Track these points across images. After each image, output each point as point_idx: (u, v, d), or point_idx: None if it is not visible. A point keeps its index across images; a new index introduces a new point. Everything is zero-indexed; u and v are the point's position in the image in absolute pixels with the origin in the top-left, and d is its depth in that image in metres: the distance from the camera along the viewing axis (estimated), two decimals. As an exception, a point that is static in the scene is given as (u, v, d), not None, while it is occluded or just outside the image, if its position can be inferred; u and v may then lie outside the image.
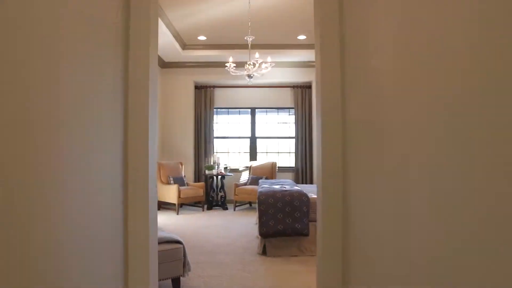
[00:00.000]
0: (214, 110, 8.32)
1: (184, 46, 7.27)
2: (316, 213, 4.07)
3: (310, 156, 8.05)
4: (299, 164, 8.05)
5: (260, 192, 4.17)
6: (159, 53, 7.26)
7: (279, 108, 8.38)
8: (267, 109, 8.40)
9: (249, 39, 5.07)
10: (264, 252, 4.00)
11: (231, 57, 5.11)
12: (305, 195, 4.03)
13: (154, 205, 1.96)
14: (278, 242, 3.97)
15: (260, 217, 3.95)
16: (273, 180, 5.72)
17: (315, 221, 4.05)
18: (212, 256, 3.98)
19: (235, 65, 4.91)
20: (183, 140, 7.94)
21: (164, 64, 7.87)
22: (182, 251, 2.88)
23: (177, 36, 6.68)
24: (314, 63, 8.12)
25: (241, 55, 7.15)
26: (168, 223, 5.87)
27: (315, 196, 4.17)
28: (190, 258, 3.83)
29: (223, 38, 6.86)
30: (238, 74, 5.09)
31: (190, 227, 5.57)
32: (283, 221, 3.89)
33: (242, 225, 5.69)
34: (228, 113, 8.47)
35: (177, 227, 5.55)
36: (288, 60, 7.68)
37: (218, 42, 7.13)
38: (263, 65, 5.12)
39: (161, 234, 2.88)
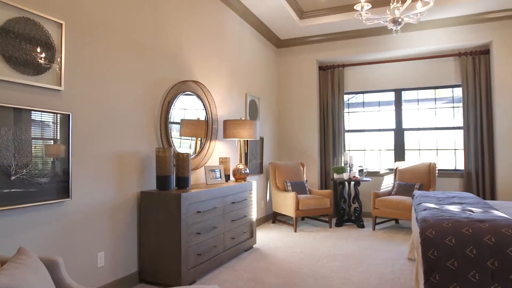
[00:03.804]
0: (345, 95, 6.45)
1: (302, 14, 5.66)
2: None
3: (491, 155, 5.40)
4: (471, 166, 5.48)
5: (425, 218, 2.21)
6: (271, 29, 5.83)
7: (437, 87, 5.96)
8: (419, 90, 6.08)
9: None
10: (435, 336, 2.04)
11: (363, -4, 3.20)
12: (530, 234, 1.90)
13: None
14: (467, 324, 1.96)
15: (427, 272, 2.01)
16: (438, 193, 3.56)
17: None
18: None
19: (369, 6, 3.02)
20: (304, 135, 6.33)
21: (280, 43, 6.41)
22: None
23: (290, 0, 5.12)
24: (495, 14, 5.48)
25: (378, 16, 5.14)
26: (280, 244, 4.33)
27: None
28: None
29: (353, -8, 4.99)
30: (376, 21, 3.19)
31: (307, 255, 3.90)
32: (482, 289, 1.86)
33: (385, 259, 3.72)
34: (363, 98, 6.48)
35: (289, 253, 3.95)
36: (451, 15, 5.25)
37: (345, 1, 5.29)
38: (418, 5, 3.09)
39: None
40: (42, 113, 2.30)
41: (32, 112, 2.24)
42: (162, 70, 3.44)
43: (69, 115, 2.46)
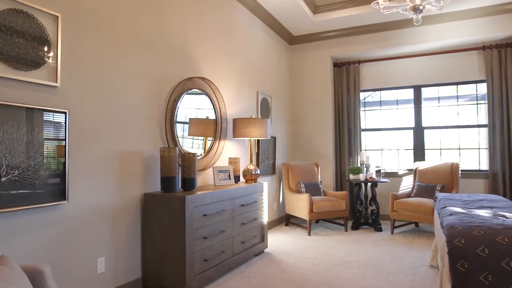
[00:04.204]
0: (361, 92, 6.19)
1: (315, 9, 5.44)
2: None
3: (519, 154, 5.06)
4: (497, 166, 5.15)
5: (452, 225, 1.98)
6: (284, 24, 5.64)
7: (459, 83, 5.64)
8: (440, 86, 5.77)
9: None
10: None
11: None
12: None
13: None
14: None
15: (457, 287, 1.77)
16: (464, 196, 3.29)
17: None
18: None
19: (388, -7, 2.80)
20: (319, 135, 6.10)
21: (292, 40, 6.20)
22: None
23: (303, -8, 4.91)
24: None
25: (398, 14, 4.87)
26: (292, 249, 4.13)
27: None
28: None
29: (369, -16, 4.75)
30: (394, 10, 2.96)
31: (321, 260, 3.69)
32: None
33: (406, 267, 3.47)
34: (380, 96, 6.20)
35: (302, 259, 3.74)
36: (474, 5, 4.94)
37: (362, -7, 5.05)
38: (442, -8, 2.85)
39: None
40: (36, 110, 2.17)
41: (25, 109, 2.11)
42: (167, 66, 3.29)
43: (66, 112, 2.33)
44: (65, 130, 2.32)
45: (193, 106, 3.62)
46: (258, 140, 4.98)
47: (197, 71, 3.73)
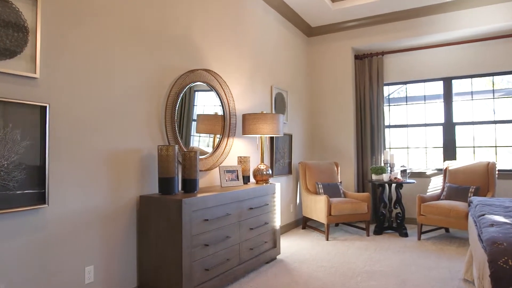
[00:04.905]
0: (385, 86, 5.76)
1: (334, -4, 5.05)
2: None
3: None
4: (540, 165, 4.61)
5: (495, 240, 1.60)
6: (301, 15, 5.29)
7: (494, 74, 5.11)
8: (473, 78, 5.25)
9: None
10: None
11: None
12: None
13: None
14: None
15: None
16: (505, 200, 2.85)
17: None
18: None
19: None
20: (339, 132, 5.71)
21: (311, 31, 5.83)
22: None
23: (320, -23, 4.54)
24: None
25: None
26: (307, 255, 3.78)
27: None
28: None
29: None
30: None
31: (338, 270, 3.33)
32: None
33: (435, 279, 3.06)
34: (406, 92, 5.74)
35: (318, 267, 3.40)
36: (515, -14, 4.43)
37: (385, -23, 4.63)
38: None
39: None
40: (11, 104, 1.94)
41: (-3, 103, 1.89)
42: (169, 58, 3.02)
43: (46, 106, 2.09)
44: (45, 126, 2.09)
45: (200, 103, 3.35)
46: (272, 138, 4.67)
47: (203, 63, 3.45)
